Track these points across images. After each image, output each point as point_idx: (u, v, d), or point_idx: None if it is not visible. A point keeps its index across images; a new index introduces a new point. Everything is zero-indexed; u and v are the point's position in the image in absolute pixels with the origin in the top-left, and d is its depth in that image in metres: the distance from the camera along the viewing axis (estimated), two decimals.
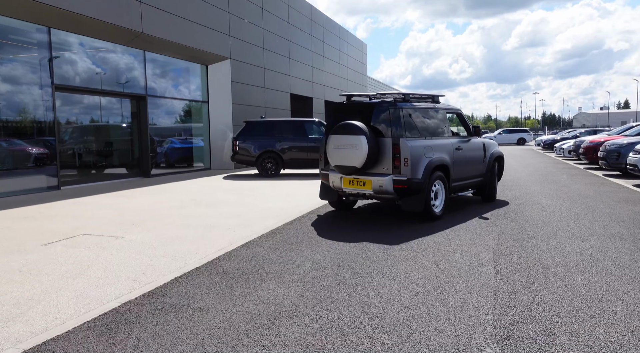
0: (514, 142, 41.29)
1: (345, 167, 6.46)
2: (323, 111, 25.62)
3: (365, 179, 6.45)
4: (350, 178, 6.59)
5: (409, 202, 6.35)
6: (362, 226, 6.28)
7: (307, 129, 13.43)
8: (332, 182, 6.86)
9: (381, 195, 6.47)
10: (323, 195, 7.25)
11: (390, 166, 6.33)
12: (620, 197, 8.37)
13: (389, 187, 6.31)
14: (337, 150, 6.49)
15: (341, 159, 6.45)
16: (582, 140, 16.52)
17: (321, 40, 24.81)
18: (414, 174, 6.29)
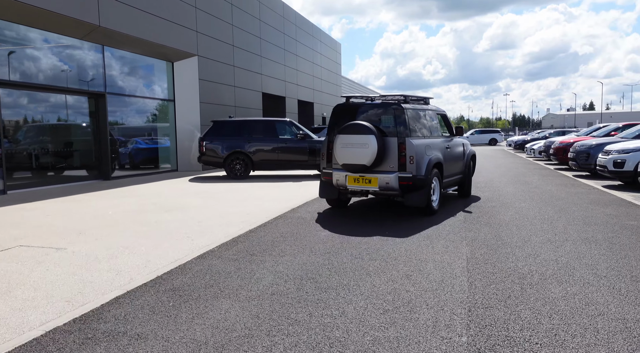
0: (486, 143, 41.83)
1: (353, 165, 6.70)
2: (296, 111, 25.23)
3: (371, 177, 6.70)
4: (355, 176, 6.80)
5: (413, 197, 6.71)
6: (331, 232, 5.93)
7: (278, 129, 13.01)
8: (335, 180, 7.00)
9: (386, 191, 6.75)
10: (323, 193, 7.39)
11: (396, 164, 6.66)
12: (591, 199, 8.28)
13: (395, 183, 6.62)
14: (346, 149, 6.72)
15: (350, 157, 6.69)
16: (552, 141, 16.64)
17: (294, 38, 24.40)
18: (418, 171, 6.67)
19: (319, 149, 12.74)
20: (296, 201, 8.55)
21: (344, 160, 6.78)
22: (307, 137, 12.90)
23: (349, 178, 6.86)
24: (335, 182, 7.03)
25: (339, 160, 6.84)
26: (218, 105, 16.47)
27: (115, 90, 13.00)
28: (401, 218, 6.79)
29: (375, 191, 6.81)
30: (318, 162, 12.77)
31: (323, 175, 7.26)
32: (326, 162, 7.21)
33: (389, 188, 6.68)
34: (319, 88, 29.37)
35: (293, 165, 12.90)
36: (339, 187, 7.05)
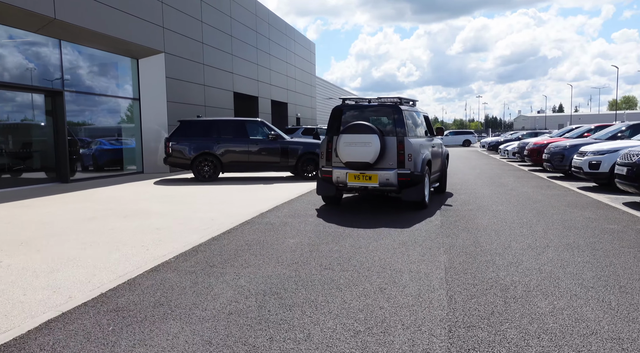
0: (460, 144, 42.18)
1: (357, 162, 7.08)
2: (269, 111, 24.73)
3: (371, 174, 7.09)
4: (355, 174, 7.17)
5: (410, 192, 7.15)
6: (300, 239, 5.52)
7: (248, 130, 12.53)
8: (336, 177, 7.32)
9: (386, 187, 7.13)
10: (320, 191, 7.69)
11: (395, 161, 7.08)
12: (568, 201, 8.12)
13: (394, 180, 7.03)
14: (349, 148, 7.08)
15: (353, 155, 7.06)
16: (526, 142, 16.66)
17: (267, 37, 23.90)
18: (415, 168, 7.13)
19: (292, 150, 12.33)
20: (266, 205, 8.11)
21: (347, 158, 7.13)
22: (279, 137, 12.46)
23: (349, 175, 7.22)
24: (335, 179, 7.34)
25: (342, 158, 7.18)
26: (187, 105, 15.84)
27: (74, 87, 12.26)
28: (376, 222, 6.44)
29: (375, 187, 7.16)
30: (291, 164, 12.37)
31: (322, 173, 7.55)
32: (325, 161, 7.53)
33: (388, 184, 7.08)
34: (293, 88, 28.94)
35: (265, 167, 12.44)
36: (338, 184, 7.38)
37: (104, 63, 13.65)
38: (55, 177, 11.71)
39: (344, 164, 7.22)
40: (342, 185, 7.35)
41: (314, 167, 12.51)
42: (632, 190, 7.37)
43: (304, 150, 12.40)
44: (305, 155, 12.42)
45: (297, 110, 29.83)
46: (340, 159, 7.23)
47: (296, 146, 12.42)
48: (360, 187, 7.24)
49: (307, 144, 12.59)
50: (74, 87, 12.23)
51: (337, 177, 7.31)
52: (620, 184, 7.62)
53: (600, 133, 12.25)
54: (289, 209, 7.66)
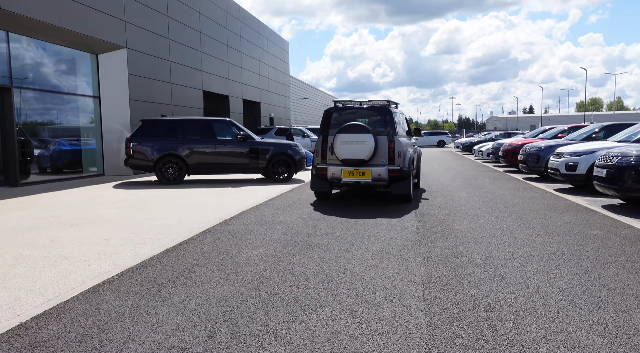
0: (434, 144, 42.34)
1: (353, 159, 7.64)
2: (241, 111, 24.07)
3: (364, 170, 7.70)
4: (350, 170, 7.75)
5: (398, 187, 7.84)
6: (265, 250, 5.00)
7: (216, 130, 11.91)
8: (331, 174, 7.85)
9: (377, 182, 7.76)
10: (314, 187, 8.24)
11: (387, 158, 7.71)
12: (547, 205, 7.86)
13: (386, 175, 7.67)
14: (346, 146, 7.63)
15: (350, 153, 7.62)
16: (501, 143, 16.56)
17: (238, 34, 23.23)
18: (404, 164, 7.78)
19: (262, 151, 11.80)
20: (231, 210, 7.55)
21: (344, 156, 7.69)
22: (249, 138, 11.90)
23: (343, 171, 7.77)
24: (330, 175, 7.86)
25: (339, 155, 7.72)
26: (152, 103, 15.08)
27: (26, 84, 11.40)
28: (348, 228, 5.98)
29: (367, 182, 7.77)
30: (261, 166, 11.83)
31: (316, 171, 8.04)
32: (320, 159, 8.03)
33: (380, 179, 7.71)
34: (266, 87, 28.32)
35: (233, 169, 11.85)
36: (332, 180, 7.93)
37: (60, 58, 12.79)
38: (2, 181, 10.84)
39: (340, 161, 7.78)
40: (336, 181, 7.93)
41: (285, 169, 12.00)
42: (611, 192, 7.14)
43: (275, 151, 11.87)
44: (277, 157, 11.90)
45: (270, 109, 29.23)
46: (337, 157, 7.77)
47: (266, 147, 11.88)
48: (353, 182, 7.84)
49: (278, 144, 12.06)
50: (24, 83, 11.36)
51: (332, 173, 7.85)
52: (600, 187, 7.39)
53: (574, 134, 12.15)
54: (255, 215, 7.13)
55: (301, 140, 23.15)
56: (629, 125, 11.01)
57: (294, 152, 12.02)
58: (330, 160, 7.92)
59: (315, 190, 8.27)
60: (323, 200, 8.41)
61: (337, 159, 7.78)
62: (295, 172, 12.19)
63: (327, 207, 7.80)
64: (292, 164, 12.01)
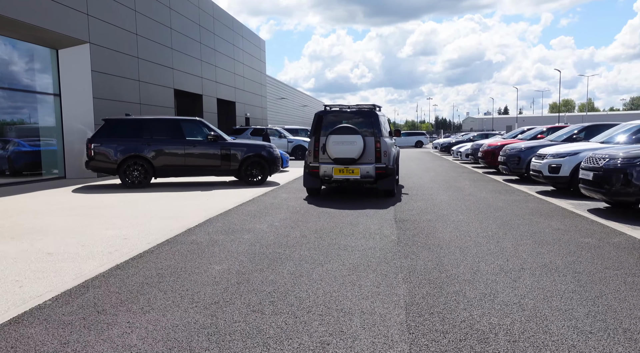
0: (412, 145, 42.25)
1: (344, 158, 8.34)
2: (216, 110, 23.34)
3: (354, 168, 8.40)
4: (340, 168, 8.44)
5: (384, 183, 8.57)
6: (229, 265, 4.45)
7: (185, 130, 11.25)
8: (323, 171, 8.54)
9: (365, 178, 8.44)
10: (307, 183, 8.96)
11: (374, 157, 8.42)
12: (531, 209, 7.51)
13: (373, 172, 8.38)
14: (338, 146, 8.32)
15: (341, 152, 8.32)
16: (480, 144, 16.33)
17: (211, 31, 22.50)
18: (389, 162, 8.52)
19: (234, 152, 11.21)
20: (196, 218, 6.95)
21: (336, 155, 8.37)
22: (220, 138, 11.28)
23: (334, 169, 8.46)
24: (322, 173, 8.54)
25: (331, 155, 8.40)
26: (118, 102, 14.28)
27: None
28: (322, 237, 5.47)
29: (357, 179, 8.45)
30: (233, 168, 11.23)
31: (309, 169, 8.73)
32: (313, 158, 8.70)
33: (368, 176, 8.41)
34: (242, 87, 27.62)
35: (203, 171, 11.21)
36: (324, 177, 8.61)
37: (16, 53, 11.91)
38: None
39: (332, 160, 8.45)
40: (328, 178, 8.61)
41: (259, 171, 11.42)
42: (598, 196, 6.82)
43: (247, 152, 11.28)
44: (250, 158, 11.31)
45: (246, 109, 28.53)
46: (330, 156, 8.45)
47: (239, 148, 11.28)
48: (343, 179, 8.52)
49: (252, 145, 11.48)
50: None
51: (324, 171, 8.52)
52: (586, 190, 7.07)
53: (554, 135, 11.94)
54: (223, 223, 6.55)
55: (278, 141, 22.58)
56: (609, 125, 10.83)
57: (268, 154, 11.46)
58: (322, 159, 8.62)
59: (307, 186, 9.03)
60: (314, 196, 9.08)
61: (329, 158, 8.49)
62: (269, 174, 11.63)
63: (301, 213, 7.28)
64: (266, 166, 11.45)
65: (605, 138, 9.16)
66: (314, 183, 8.87)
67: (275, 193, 9.67)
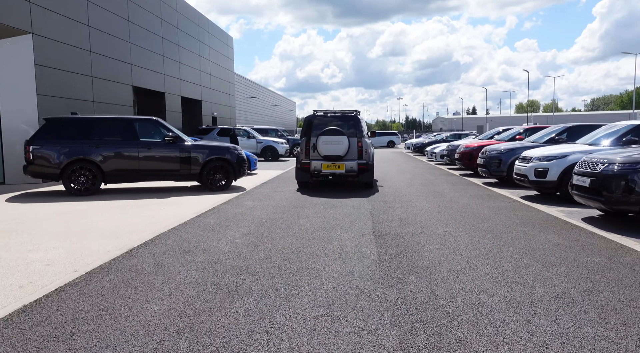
0: (384, 145, 41.81)
1: (332, 156, 9.66)
2: (180, 109, 22.09)
3: (340, 164, 9.69)
4: (328, 164, 9.70)
5: (365, 177, 9.89)
6: (175, 298, 3.51)
7: (139, 130, 10.15)
8: (313, 167, 9.82)
9: (349, 173, 9.71)
10: (298, 177, 10.26)
11: (356, 155, 9.74)
12: (521, 218, 6.83)
13: (356, 167, 9.69)
14: (327, 145, 9.64)
15: (329, 150, 9.63)
16: (455, 145, 15.78)
17: (175, 26, 21.24)
18: (369, 159, 9.89)
19: (195, 155, 10.20)
20: (143, 233, 5.95)
21: (325, 153, 9.71)
22: (179, 140, 10.23)
23: (323, 165, 9.77)
24: (312, 168, 9.85)
25: (321, 152, 9.74)
26: (68, 100, 12.98)
27: None
28: (290, 257, 4.59)
29: (342, 173, 9.78)
30: (194, 172, 10.22)
31: (301, 164, 10.02)
32: (304, 156, 10.01)
33: (351, 170, 9.75)
34: (208, 85, 26.39)
35: (160, 176, 10.15)
36: (313, 172, 9.89)
37: None
38: None
39: (321, 157, 9.80)
40: (317, 173, 9.91)
41: (223, 175, 10.44)
42: (595, 205, 6.20)
43: (210, 155, 10.28)
44: (213, 162, 10.32)
45: (213, 108, 27.30)
46: (320, 153, 9.79)
47: (200, 150, 10.27)
48: (330, 173, 9.85)
49: (215, 147, 10.49)
50: None
51: (314, 166, 9.85)
52: (581, 197, 6.44)
53: (535, 136, 11.41)
54: (174, 240, 5.58)
55: (246, 142, 21.55)
56: (592, 127, 10.38)
57: (233, 156, 10.49)
58: (312, 156, 9.96)
59: (298, 180, 10.39)
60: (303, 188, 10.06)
61: (319, 155, 9.86)
62: (234, 179, 10.66)
63: (267, 226, 6.37)
64: (230, 170, 10.48)
65: (591, 140, 8.63)
66: (304, 177, 10.26)
67: (240, 201, 8.73)
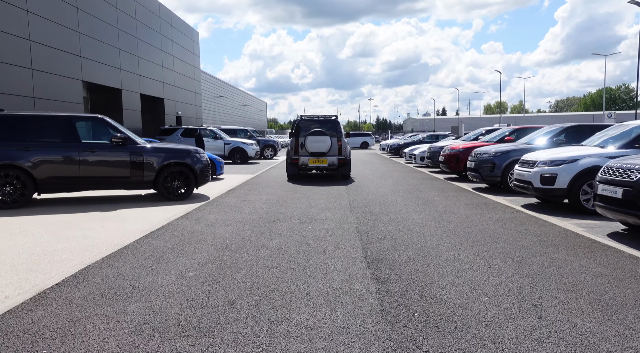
0: (358, 146, 40.86)
1: (318, 152, 12.21)
2: (139, 107, 20.35)
3: (324, 159, 12.25)
4: (314, 159, 12.23)
5: (343, 169, 12.43)
6: None
7: (80, 131, 8.62)
8: (302, 162, 12.28)
9: (331, 166, 12.29)
10: (288, 171, 12.69)
11: (337, 151, 12.35)
12: (536, 235, 5.76)
13: (336, 162, 12.28)
14: (313, 144, 12.18)
15: (315, 148, 12.19)
16: (438, 147, 14.81)
17: (132, 16, 19.51)
18: (347, 155, 12.55)
19: (149, 159, 8.80)
20: (68, 265, 4.55)
21: (312, 150, 12.13)
22: (130, 142, 8.76)
23: (310, 160, 12.17)
24: (300, 163, 12.20)
25: (308, 150, 12.12)
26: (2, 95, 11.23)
27: None
28: (259, 302, 3.33)
29: (325, 167, 12.21)
30: (148, 179, 8.79)
31: (291, 160, 12.32)
32: (294, 152, 12.30)
33: (333, 164, 12.19)
34: (172, 82, 24.66)
35: (107, 184, 8.66)
36: (301, 166, 12.23)
37: None
38: None
39: (309, 154, 12.07)
40: (304, 166, 12.17)
41: (183, 182, 9.04)
42: (632, 219, 5.17)
43: (166, 159, 8.86)
44: (170, 167, 8.90)
45: (177, 107, 25.58)
46: (307, 150, 12.06)
47: (155, 154, 8.83)
48: (316, 167, 12.13)
49: (172, 150, 9.07)
50: None
51: (302, 161, 12.13)
52: (608, 210, 5.42)
53: (529, 137, 10.47)
54: (105, 276, 4.21)
55: (213, 143, 20.04)
56: (594, 127, 9.54)
57: (194, 161, 9.10)
58: (301, 153, 12.17)
59: (289, 173, 12.59)
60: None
61: (306, 152, 12.09)
62: (196, 187, 9.27)
63: (231, 251, 5.06)
64: (191, 176, 9.08)
65: (599, 141, 7.70)
66: (294, 171, 12.50)
67: (201, 214, 7.36)
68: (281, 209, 7.84)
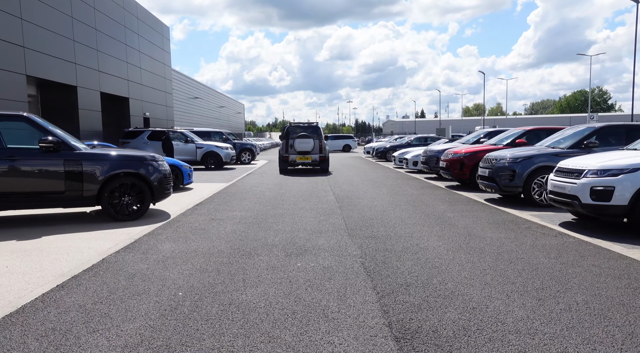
0: (340, 149, 39.24)
1: (304, 151, 15.65)
2: (99, 107, 18.24)
3: (308, 156, 15.66)
4: (300, 156, 15.63)
5: (323, 165, 15.92)
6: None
7: (3, 133, 6.68)
8: (291, 159, 15.65)
9: (314, 162, 15.72)
10: (280, 165, 15.97)
11: (318, 150, 15.83)
12: (614, 276, 4.17)
13: (318, 159, 15.72)
14: (301, 144, 15.60)
15: (302, 147, 15.62)
16: (435, 150, 13.27)
17: (89, 4, 17.41)
18: (326, 154, 16.09)
19: (91, 170, 6.94)
20: None
21: (299, 149, 15.65)
22: (65, 147, 6.87)
23: (297, 157, 15.69)
24: (290, 159, 15.71)
25: (296, 149, 15.65)
26: None
27: None
28: None
29: (309, 162, 15.77)
30: (89, 194, 6.96)
31: (283, 157, 15.83)
32: (285, 151, 15.84)
33: (315, 160, 15.74)
34: (138, 80, 22.55)
35: (34, 201, 6.76)
36: (291, 162, 15.74)
37: None
38: None
39: (296, 152, 15.71)
40: (293, 162, 15.76)
41: (136, 197, 7.20)
42: None
43: (113, 169, 7.01)
44: (118, 179, 7.06)
45: (144, 108, 23.46)
46: (295, 150, 15.71)
47: (97, 162, 6.97)
48: (302, 162, 15.79)
49: (122, 158, 7.21)
50: None
51: (292, 158, 15.72)
52: None
53: (552, 139, 8.92)
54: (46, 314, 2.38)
55: (183, 147, 18.09)
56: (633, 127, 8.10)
57: (150, 171, 7.29)
58: (290, 152, 15.76)
59: (281, 168, 15.99)
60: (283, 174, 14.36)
61: (295, 151, 15.70)
62: (153, 202, 7.44)
63: (182, 315, 3.29)
64: (146, 190, 7.25)
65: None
66: (285, 166, 15.84)
67: (152, 243, 5.54)
68: (259, 233, 6.08)
